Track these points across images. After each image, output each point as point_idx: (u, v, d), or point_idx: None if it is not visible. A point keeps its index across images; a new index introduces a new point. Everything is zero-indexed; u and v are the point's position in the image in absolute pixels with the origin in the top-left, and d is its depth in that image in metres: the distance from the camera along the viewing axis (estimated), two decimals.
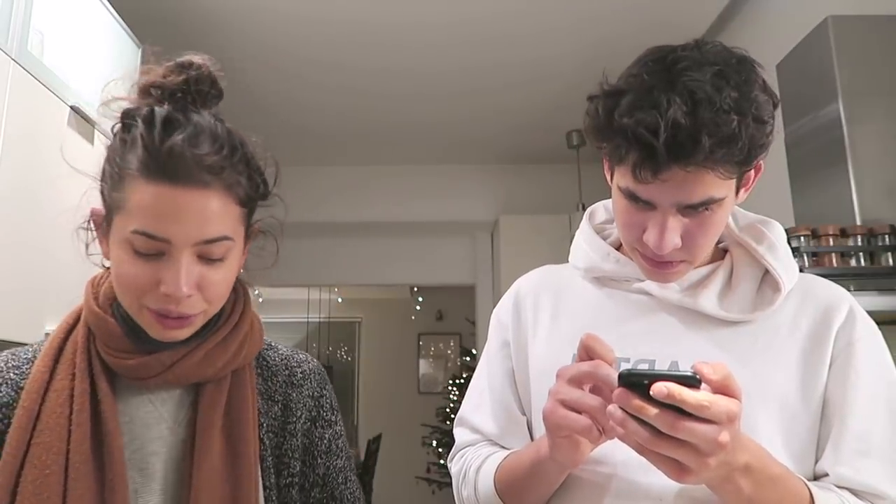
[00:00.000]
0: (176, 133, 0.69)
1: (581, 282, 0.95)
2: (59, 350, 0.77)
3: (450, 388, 6.71)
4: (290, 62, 3.20)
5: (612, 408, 0.63)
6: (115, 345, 0.75)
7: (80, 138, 1.88)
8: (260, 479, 0.78)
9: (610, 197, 1.01)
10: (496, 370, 0.98)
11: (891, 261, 1.68)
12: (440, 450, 6.21)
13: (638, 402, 0.60)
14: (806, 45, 2.03)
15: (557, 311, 0.94)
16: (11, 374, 0.76)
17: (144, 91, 0.78)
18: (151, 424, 0.76)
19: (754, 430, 0.73)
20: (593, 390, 0.71)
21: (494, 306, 1.05)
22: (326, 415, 0.87)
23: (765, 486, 0.69)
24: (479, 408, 0.98)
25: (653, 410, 0.60)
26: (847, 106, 1.85)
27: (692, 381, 0.60)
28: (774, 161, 2.22)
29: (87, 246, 0.83)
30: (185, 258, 0.70)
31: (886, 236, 1.69)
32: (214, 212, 0.71)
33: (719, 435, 0.60)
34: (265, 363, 0.87)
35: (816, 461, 0.80)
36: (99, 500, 0.69)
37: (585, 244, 0.96)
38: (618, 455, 0.78)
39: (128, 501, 0.70)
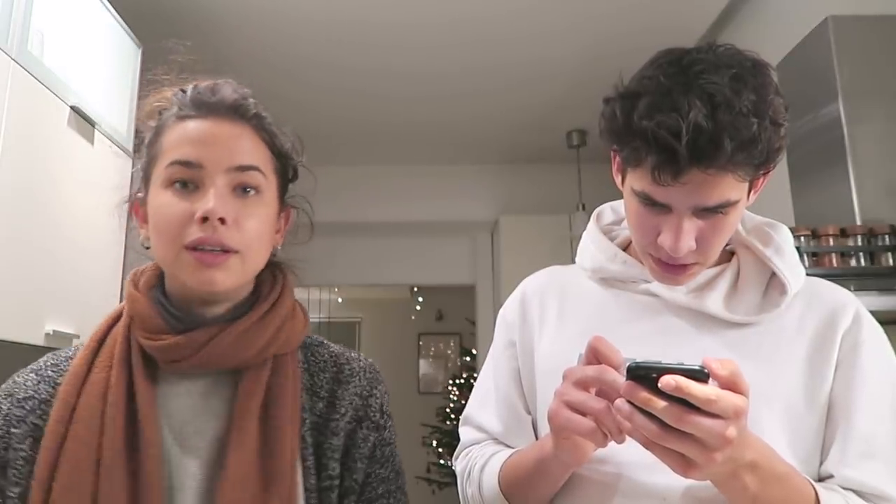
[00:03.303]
0: (206, 89, 0.78)
1: (587, 282, 0.95)
2: (100, 343, 0.77)
3: (450, 388, 6.70)
4: (290, 62, 3.20)
5: (619, 401, 0.64)
6: (151, 326, 0.74)
7: (80, 138, 1.88)
8: (300, 479, 0.74)
9: (610, 198, 1.01)
10: (502, 369, 0.98)
11: (891, 261, 1.68)
12: (440, 450, 6.20)
13: (645, 394, 0.61)
14: (806, 45, 2.03)
15: (563, 312, 0.94)
16: (49, 372, 0.77)
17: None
18: (188, 419, 0.74)
19: (760, 430, 0.73)
20: (599, 393, 0.71)
21: (494, 306, 1.06)
22: (374, 416, 0.80)
23: (770, 483, 0.69)
24: (484, 407, 0.98)
25: (660, 403, 0.60)
26: (847, 106, 1.85)
27: (700, 375, 0.60)
28: None
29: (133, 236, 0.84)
30: (219, 183, 0.73)
31: (886, 236, 1.69)
32: (245, 143, 0.76)
33: (726, 430, 0.60)
34: (313, 359, 0.83)
35: (821, 463, 0.80)
36: (132, 497, 0.68)
37: (592, 245, 0.96)
38: (623, 454, 0.78)
39: (162, 499, 0.68)
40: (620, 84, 0.78)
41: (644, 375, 0.61)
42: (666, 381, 0.59)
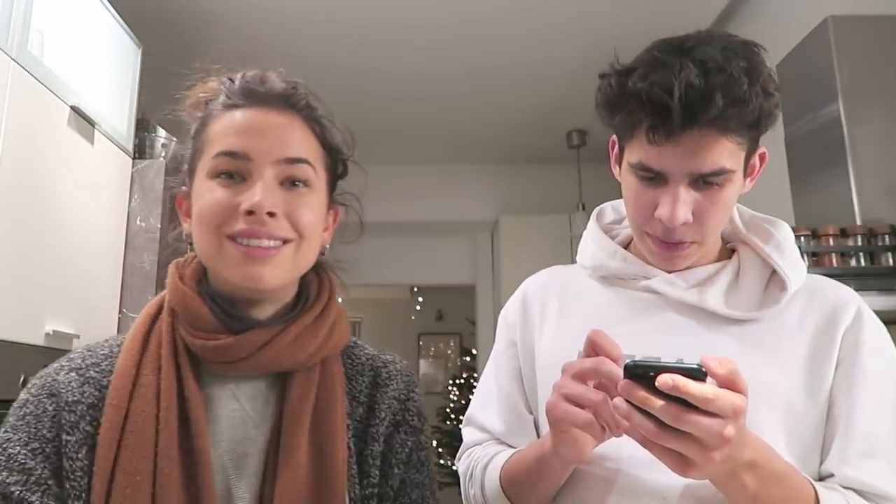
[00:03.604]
0: (254, 78, 0.76)
1: (588, 281, 0.95)
2: (144, 342, 0.71)
3: (450, 388, 6.70)
4: (290, 63, 3.18)
5: (617, 400, 0.63)
6: (201, 325, 0.70)
7: (80, 138, 1.88)
8: (346, 489, 0.70)
9: (610, 197, 1.01)
10: (503, 369, 0.98)
11: (891, 261, 1.68)
12: (440, 450, 6.20)
13: (643, 393, 0.60)
14: (806, 45, 2.03)
15: (564, 310, 0.94)
16: (92, 373, 0.70)
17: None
18: (237, 425, 0.70)
19: (759, 427, 0.73)
20: (598, 386, 0.71)
21: (494, 306, 1.06)
22: (412, 420, 0.77)
23: (770, 482, 0.69)
24: (486, 407, 0.98)
25: (658, 402, 0.60)
26: (847, 106, 1.85)
27: (698, 374, 0.60)
28: (774, 161, 2.22)
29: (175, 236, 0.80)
30: (267, 175, 0.69)
31: (886, 236, 1.69)
32: (295, 135, 0.72)
33: (724, 429, 0.60)
34: (350, 361, 0.79)
35: (822, 462, 0.80)
36: None
37: (593, 243, 0.96)
38: (623, 452, 0.78)
39: None
40: (616, 62, 0.81)
41: (642, 374, 0.61)
42: (663, 380, 0.58)
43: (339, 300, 0.80)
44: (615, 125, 0.82)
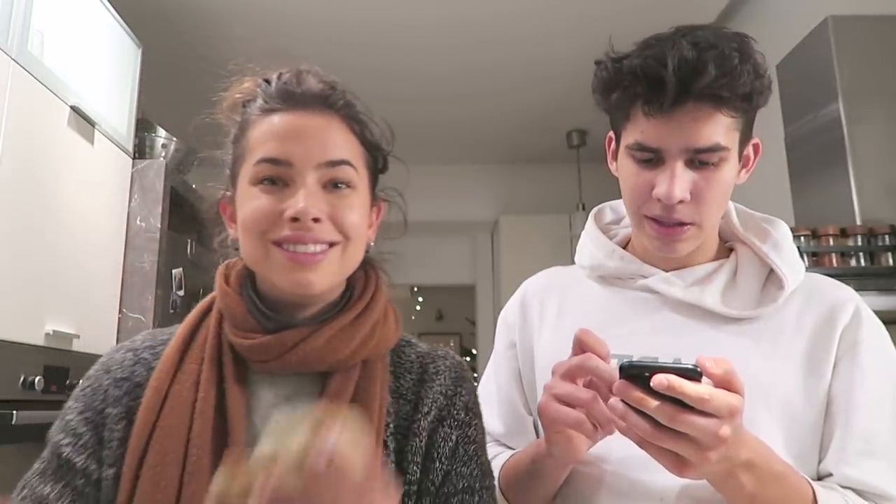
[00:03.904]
0: (291, 79, 0.76)
1: (587, 281, 0.95)
2: (192, 333, 0.74)
3: None
4: (290, 63, 3.19)
5: (613, 400, 0.63)
6: (241, 323, 0.72)
7: (80, 138, 1.88)
8: None
9: (610, 197, 1.01)
10: (503, 371, 0.98)
11: (891, 261, 1.68)
12: None
13: (638, 393, 0.60)
14: (806, 45, 2.03)
15: (563, 311, 0.94)
16: (146, 355, 0.75)
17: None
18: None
19: (756, 426, 0.73)
20: (589, 385, 0.71)
21: (494, 306, 1.06)
22: (458, 414, 0.75)
23: (767, 482, 0.68)
24: (486, 408, 0.98)
25: (653, 402, 0.60)
26: (847, 106, 1.85)
27: (693, 374, 0.60)
28: (774, 161, 2.23)
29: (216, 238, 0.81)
30: (310, 180, 0.69)
31: (886, 236, 1.69)
32: (335, 136, 0.72)
33: (720, 429, 0.60)
34: (399, 360, 0.79)
35: (820, 461, 0.79)
36: None
37: (591, 243, 0.96)
38: (620, 452, 0.78)
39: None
40: (611, 50, 0.83)
41: (637, 374, 0.61)
42: (658, 381, 0.58)
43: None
44: (612, 107, 0.83)
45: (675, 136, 0.77)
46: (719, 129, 0.77)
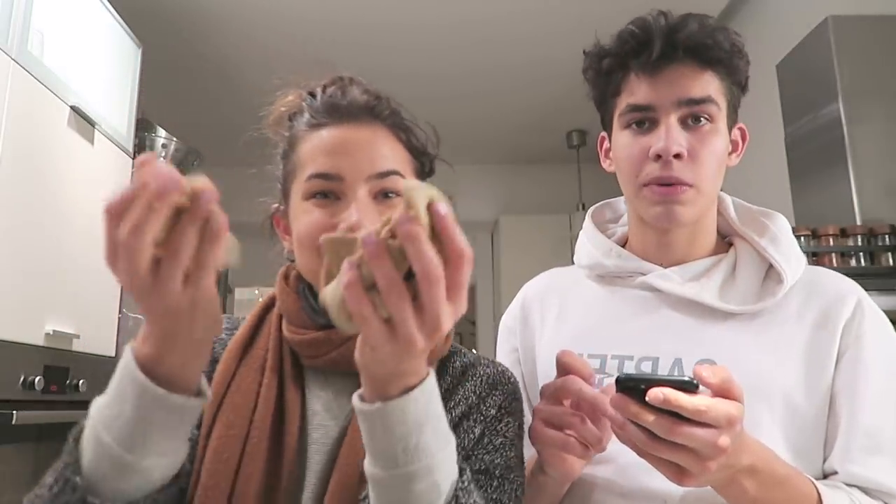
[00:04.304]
0: (336, 92, 0.77)
1: (586, 281, 0.95)
2: (259, 322, 0.78)
3: None
4: (290, 63, 3.19)
5: (611, 412, 0.63)
6: (295, 320, 0.74)
7: (80, 138, 1.88)
8: None
9: (610, 197, 1.01)
10: None
11: (891, 261, 1.69)
12: None
13: (635, 407, 0.60)
14: (806, 45, 2.03)
15: (562, 312, 0.94)
16: (224, 335, 0.78)
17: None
18: (318, 411, 0.73)
19: (757, 423, 0.73)
20: (574, 405, 0.71)
21: (494, 306, 1.06)
22: (488, 411, 0.74)
23: (771, 487, 0.68)
24: None
25: (650, 416, 0.59)
26: (847, 106, 1.85)
27: (689, 386, 0.59)
28: (774, 161, 2.23)
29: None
30: (361, 193, 0.70)
31: (886, 236, 1.69)
32: (383, 147, 0.74)
33: (718, 439, 0.59)
34: (444, 370, 0.78)
35: (825, 459, 0.79)
36: (265, 482, 0.67)
37: (588, 242, 0.96)
38: (624, 456, 0.77)
39: (293, 486, 0.68)
40: (598, 42, 0.89)
41: (634, 387, 0.60)
42: (654, 395, 0.58)
43: None
44: (602, 80, 0.88)
45: (666, 89, 0.81)
46: (710, 85, 0.81)
